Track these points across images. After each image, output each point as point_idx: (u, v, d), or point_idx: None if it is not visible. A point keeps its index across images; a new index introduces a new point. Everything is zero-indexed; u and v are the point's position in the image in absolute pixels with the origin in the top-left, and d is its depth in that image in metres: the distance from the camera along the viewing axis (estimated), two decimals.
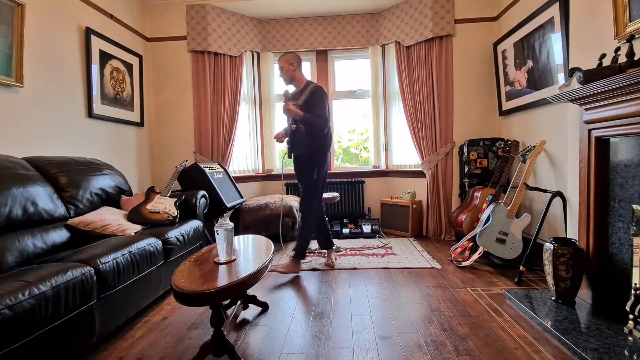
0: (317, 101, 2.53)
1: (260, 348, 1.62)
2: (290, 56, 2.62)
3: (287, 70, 2.61)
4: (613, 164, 1.77)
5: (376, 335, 1.70)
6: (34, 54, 2.33)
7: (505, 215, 2.52)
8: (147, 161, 3.75)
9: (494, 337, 1.64)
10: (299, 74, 2.65)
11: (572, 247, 1.85)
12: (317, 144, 2.59)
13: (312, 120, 2.51)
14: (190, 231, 2.43)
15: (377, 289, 2.27)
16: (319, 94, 2.56)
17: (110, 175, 2.57)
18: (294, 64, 2.61)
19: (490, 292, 2.17)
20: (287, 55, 2.62)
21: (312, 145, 2.58)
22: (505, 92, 3.27)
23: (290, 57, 2.61)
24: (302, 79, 2.67)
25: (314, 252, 3.09)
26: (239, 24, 3.89)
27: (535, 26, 2.69)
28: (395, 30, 3.78)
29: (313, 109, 2.51)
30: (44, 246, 1.84)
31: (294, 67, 2.61)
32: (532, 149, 2.61)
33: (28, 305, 1.18)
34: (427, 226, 3.67)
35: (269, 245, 1.87)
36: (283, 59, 2.62)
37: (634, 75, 1.39)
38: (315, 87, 2.59)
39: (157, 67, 3.78)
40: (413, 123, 3.67)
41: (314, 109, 2.52)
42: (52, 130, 2.50)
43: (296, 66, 2.61)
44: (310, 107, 2.52)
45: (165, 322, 1.90)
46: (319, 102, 2.54)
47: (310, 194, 2.62)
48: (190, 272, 1.47)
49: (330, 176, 4.17)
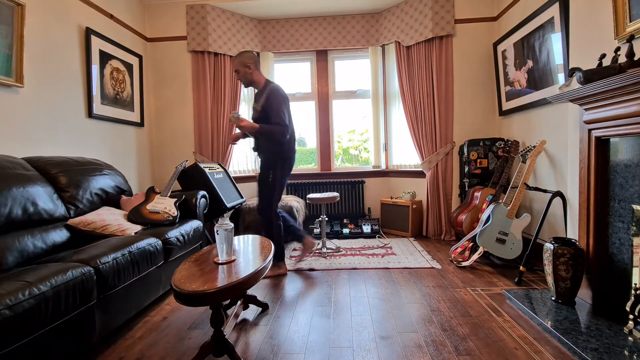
0: (274, 106, 2.40)
1: (260, 348, 1.61)
2: (244, 57, 2.44)
3: (243, 73, 2.45)
4: (613, 164, 1.77)
5: (376, 335, 1.70)
6: (34, 54, 2.33)
7: (505, 215, 2.52)
8: (147, 161, 3.75)
9: (494, 337, 1.64)
10: (257, 75, 2.49)
11: (572, 247, 1.85)
12: (273, 149, 2.50)
13: (269, 130, 2.41)
14: (190, 231, 2.43)
15: (377, 289, 2.27)
16: (276, 98, 2.43)
17: (110, 175, 2.57)
18: (250, 65, 2.43)
19: (490, 292, 2.17)
20: (242, 56, 2.44)
21: (269, 149, 2.52)
22: (505, 92, 3.28)
23: (245, 58, 2.43)
24: (260, 79, 2.52)
25: (314, 252, 3.09)
26: (239, 24, 3.89)
27: (535, 26, 2.69)
28: (395, 30, 3.78)
29: (271, 116, 2.40)
30: (44, 246, 1.84)
31: (251, 69, 2.44)
32: (532, 149, 2.61)
33: (28, 305, 1.18)
34: (427, 226, 3.67)
35: (269, 245, 1.87)
36: (237, 61, 2.44)
37: (634, 75, 1.39)
38: (271, 91, 2.45)
39: (157, 67, 3.79)
40: (413, 123, 3.67)
41: (271, 115, 2.40)
42: (52, 130, 2.50)
43: (253, 67, 2.45)
44: (267, 114, 2.41)
45: (165, 322, 1.90)
46: (275, 107, 2.41)
47: (267, 198, 2.54)
48: (190, 272, 1.47)
49: (330, 176, 4.18)
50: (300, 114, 4.43)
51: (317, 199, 3.01)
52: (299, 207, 3.58)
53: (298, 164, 4.58)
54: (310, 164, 4.51)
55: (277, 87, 2.50)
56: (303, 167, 4.51)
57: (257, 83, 2.52)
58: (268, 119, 2.43)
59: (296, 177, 4.21)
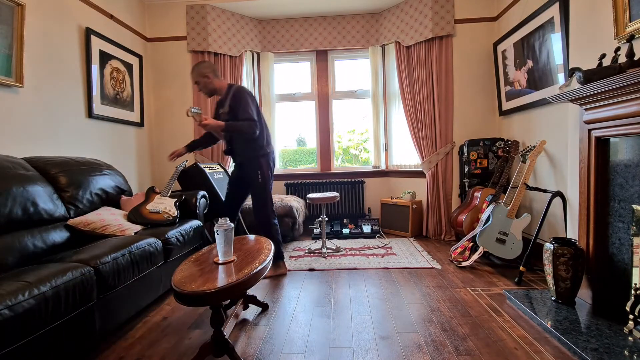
0: (241, 103, 2.40)
1: (260, 348, 1.61)
2: (201, 68, 2.43)
3: (204, 84, 2.44)
4: (613, 164, 1.77)
5: (376, 335, 1.70)
6: (34, 54, 2.33)
7: (505, 215, 2.52)
8: (147, 161, 3.75)
9: (494, 337, 1.64)
10: (217, 82, 2.49)
11: (572, 247, 1.85)
12: (252, 147, 2.49)
13: (237, 127, 2.37)
14: (190, 231, 2.43)
15: (377, 289, 2.27)
16: (241, 96, 2.42)
17: (110, 175, 2.57)
18: (209, 75, 2.43)
19: (490, 292, 2.17)
20: (198, 69, 2.43)
21: (248, 149, 2.50)
22: (505, 92, 3.28)
23: (202, 69, 2.42)
24: (222, 86, 2.51)
25: (314, 252, 3.09)
26: (239, 24, 3.89)
27: (535, 26, 2.69)
28: (395, 30, 3.78)
29: (238, 113, 2.39)
30: (43, 246, 1.84)
31: (210, 78, 2.43)
32: (532, 149, 2.61)
33: (28, 305, 1.18)
34: (427, 226, 3.66)
35: (269, 245, 1.87)
36: (196, 74, 2.43)
37: (634, 75, 1.39)
38: (237, 90, 2.45)
39: (157, 67, 3.79)
40: (413, 123, 3.67)
41: (239, 112, 2.39)
42: (52, 130, 2.50)
43: (212, 76, 2.44)
44: (235, 112, 2.41)
45: (165, 322, 1.90)
46: (243, 103, 2.40)
47: (261, 199, 2.55)
48: (190, 273, 1.47)
49: (330, 176, 4.18)
50: (300, 114, 4.44)
51: (317, 198, 3.01)
52: (299, 207, 3.58)
53: (298, 164, 4.59)
54: (310, 164, 4.51)
55: (241, 87, 2.51)
56: (303, 167, 4.52)
57: (219, 90, 2.51)
58: (236, 118, 2.41)
59: (296, 177, 4.21)
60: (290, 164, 4.59)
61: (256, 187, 2.54)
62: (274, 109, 4.12)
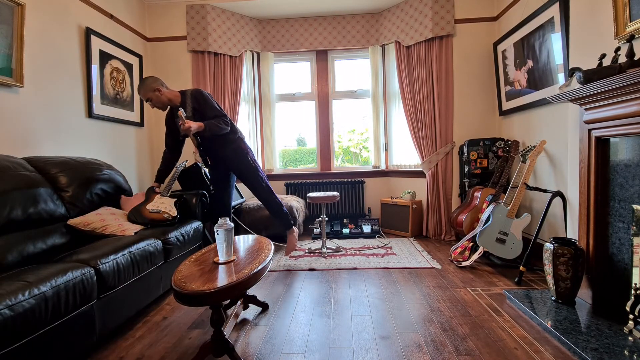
0: (206, 103, 2.44)
1: (260, 348, 1.62)
2: (148, 84, 2.36)
3: (156, 98, 2.38)
4: (613, 164, 1.77)
5: (376, 335, 1.70)
6: (34, 54, 2.33)
7: (505, 215, 2.52)
8: (147, 161, 3.75)
9: (494, 337, 1.64)
10: (169, 93, 2.44)
11: (572, 247, 1.85)
12: (228, 138, 2.56)
13: (214, 125, 2.40)
14: (190, 231, 2.43)
15: (377, 289, 2.27)
16: (202, 96, 2.45)
17: (110, 175, 2.56)
18: (159, 88, 2.38)
19: (490, 292, 2.17)
20: (145, 85, 2.36)
21: (227, 141, 2.56)
22: (505, 92, 3.27)
23: (150, 85, 2.36)
24: (175, 95, 2.48)
25: (314, 252, 3.09)
26: (239, 24, 3.88)
27: (535, 26, 2.69)
28: (395, 30, 3.78)
29: (206, 112, 2.42)
30: (44, 246, 1.84)
31: (161, 91, 2.39)
32: (532, 149, 2.61)
33: (28, 305, 1.18)
34: (427, 226, 3.66)
35: (269, 245, 1.87)
36: (144, 90, 2.35)
37: (634, 75, 1.39)
38: (196, 92, 2.47)
39: (157, 67, 3.78)
40: (413, 123, 3.67)
41: (207, 111, 2.43)
42: (52, 130, 2.50)
43: (162, 88, 2.40)
44: (202, 112, 2.43)
45: (165, 322, 1.90)
46: (208, 102, 2.45)
47: (259, 182, 2.66)
48: (190, 272, 1.47)
49: (330, 176, 4.18)
50: (300, 114, 4.44)
51: (317, 198, 3.01)
52: (299, 207, 3.58)
53: (298, 164, 4.59)
54: (310, 163, 4.51)
55: (198, 89, 2.52)
56: (303, 167, 4.51)
57: (173, 99, 2.46)
58: (204, 117, 2.42)
59: (296, 177, 4.21)
60: (290, 163, 4.59)
61: (251, 171, 2.64)
62: (274, 109, 4.12)
